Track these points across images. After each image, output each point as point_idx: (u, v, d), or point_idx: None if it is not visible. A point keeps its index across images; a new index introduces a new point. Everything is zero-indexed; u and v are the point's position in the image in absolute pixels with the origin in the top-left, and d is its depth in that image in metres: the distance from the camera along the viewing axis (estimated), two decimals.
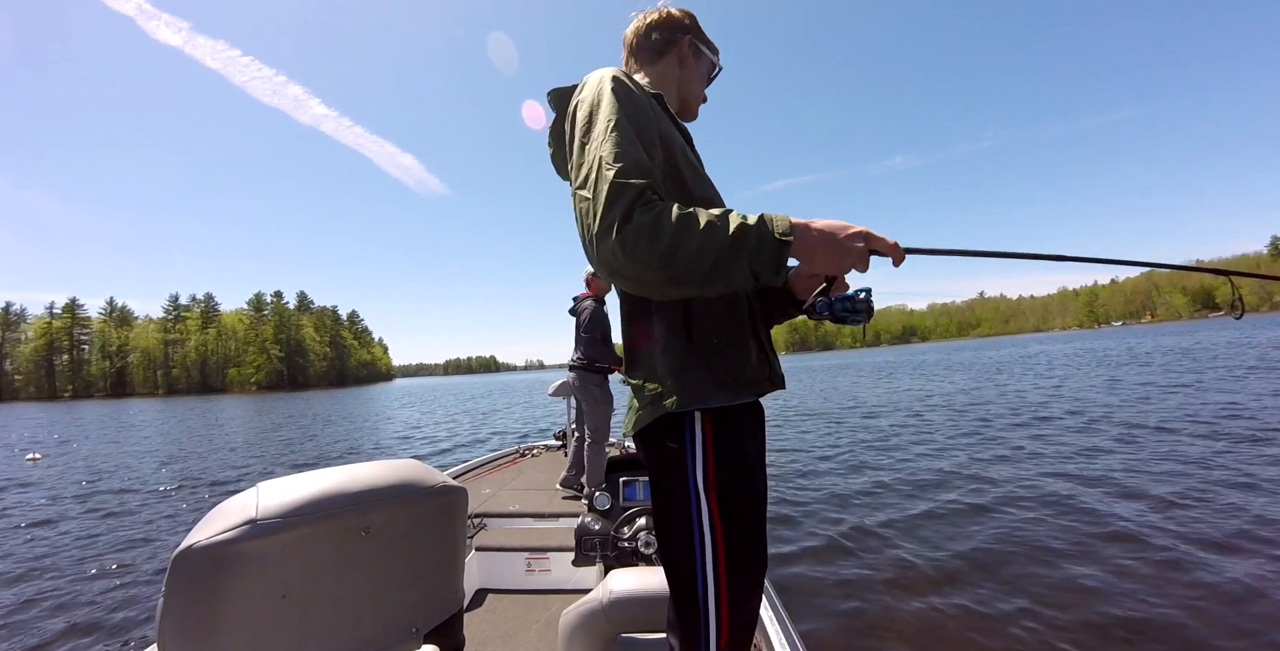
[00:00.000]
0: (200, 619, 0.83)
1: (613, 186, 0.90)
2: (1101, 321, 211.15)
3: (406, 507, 1.01)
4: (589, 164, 0.97)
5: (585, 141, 1.01)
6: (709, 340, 1.07)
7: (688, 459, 1.03)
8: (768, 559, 1.08)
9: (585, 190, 0.95)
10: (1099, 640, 2.92)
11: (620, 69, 1.12)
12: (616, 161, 0.93)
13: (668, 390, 1.05)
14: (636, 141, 0.98)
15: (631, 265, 0.88)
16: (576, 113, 1.08)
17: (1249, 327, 48.74)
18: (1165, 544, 3.97)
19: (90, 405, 63.73)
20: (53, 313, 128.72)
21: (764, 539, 1.07)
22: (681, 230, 0.87)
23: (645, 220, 0.87)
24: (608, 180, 0.91)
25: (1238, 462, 5.92)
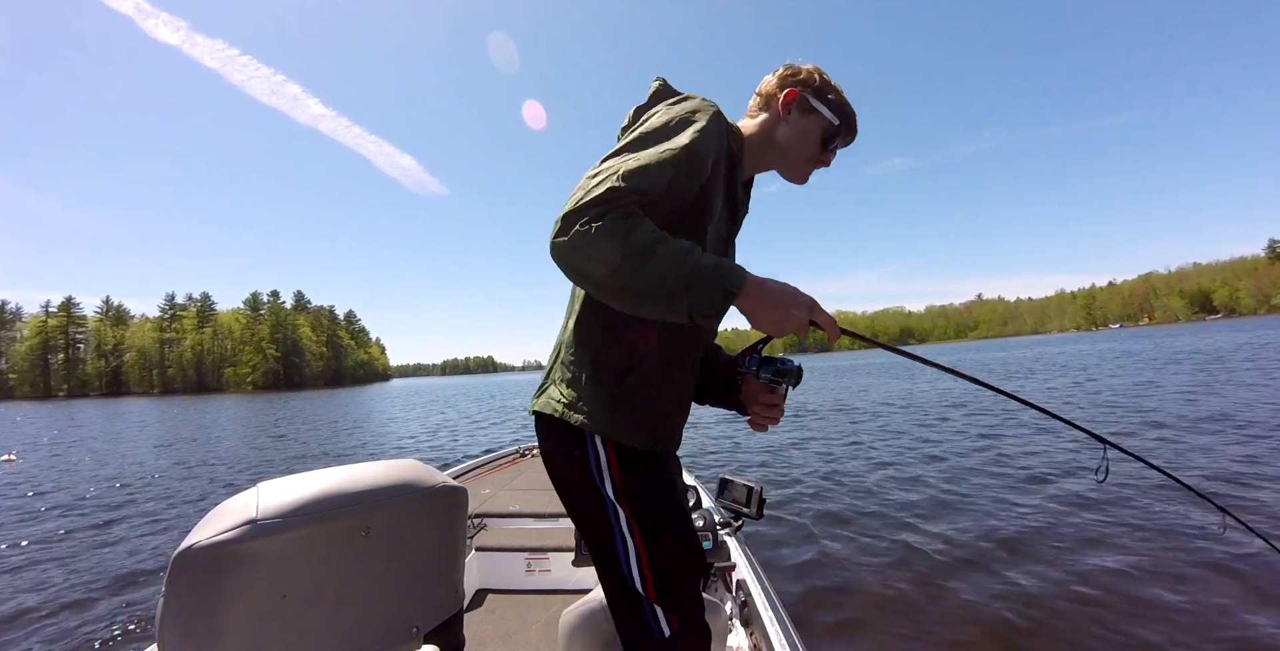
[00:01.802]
0: (200, 619, 0.83)
1: (612, 190, 0.92)
2: (1099, 324, 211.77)
3: (406, 508, 1.01)
4: (614, 162, 0.99)
5: (634, 143, 1.03)
6: (635, 395, 1.09)
7: (594, 474, 1.08)
8: (702, 551, 1.16)
9: (592, 178, 0.96)
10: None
11: (716, 109, 1.12)
12: (634, 178, 0.95)
13: (579, 408, 1.08)
14: (671, 176, 0.99)
15: (583, 258, 0.90)
16: (655, 115, 1.10)
17: (1257, 329, 48.44)
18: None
19: (85, 404, 63.47)
20: (48, 311, 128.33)
21: (691, 534, 1.14)
22: (645, 247, 0.89)
23: (616, 224, 0.89)
24: (610, 184, 0.93)
25: None
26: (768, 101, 1.26)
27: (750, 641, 1.96)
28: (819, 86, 1.24)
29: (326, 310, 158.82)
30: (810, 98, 1.23)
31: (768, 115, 1.26)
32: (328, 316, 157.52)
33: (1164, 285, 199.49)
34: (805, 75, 1.25)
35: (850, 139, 1.30)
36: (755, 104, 1.29)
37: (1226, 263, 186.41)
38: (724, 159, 1.15)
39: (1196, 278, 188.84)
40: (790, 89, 1.23)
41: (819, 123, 1.24)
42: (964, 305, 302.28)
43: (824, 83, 1.25)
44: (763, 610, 1.94)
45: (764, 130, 1.26)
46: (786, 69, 1.26)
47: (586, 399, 1.08)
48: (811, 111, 1.24)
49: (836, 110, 1.25)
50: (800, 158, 1.26)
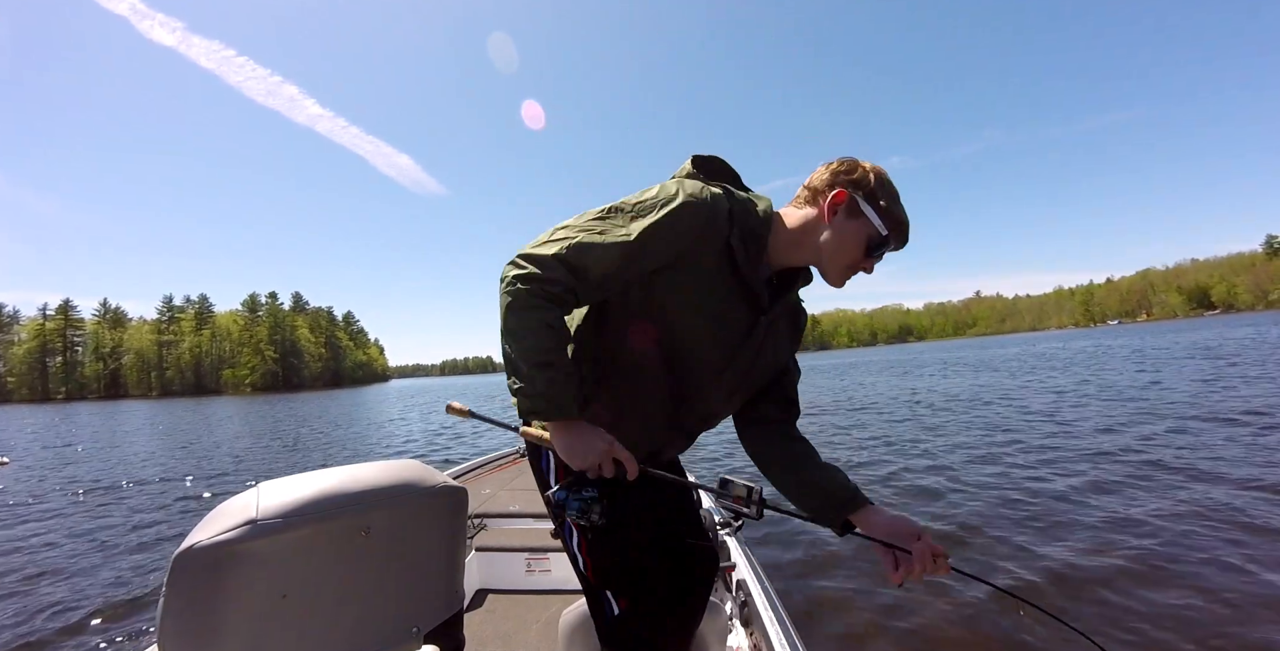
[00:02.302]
0: (201, 619, 0.83)
1: (554, 259, 1.03)
2: (1097, 320, 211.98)
3: (406, 508, 1.01)
4: (577, 226, 1.07)
5: (608, 209, 1.11)
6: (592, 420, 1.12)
7: (547, 476, 1.24)
8: (663, 543, 1.23)
9: (554, 232, 1.08)
10: None
11: (719, 191, 1.15)
12: (584, 252, 1.04)
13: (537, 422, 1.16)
14: (627, 260, 1.07)
15: (501, 304, 1.05)
16: (639, 193, 1.15)
17: (1266, 324, 48.53)
18: None
19: (83, 407, 63.38)
20: (46, 314, 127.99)
21: (642, 528, 1.21)
22: (525, 332, 1.02)
23: (527, 300, 1.02)
24: (554, 251, 1.03)
25: None
26: (815, 196, 1.19)
27: (750, 641, 1.96)
28: (872, 190, 1.16)
29: (325, 311, 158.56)
30: (861, 201, 1.15)
31: (813, 212, 1.19)
32: (326, 317, 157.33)
33: (1162, 281, 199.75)
34: (859, 175, 1.16)
35: (899, 247, 1.22)
36: (803, 195, 1.22)
37: (1224, 259, 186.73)
38: (718, 250, 1.14)
39: (1194, 274, 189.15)
40: (840, 190, 1.15)
41: (865, 229, 1.16)
42: (962, 302, 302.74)
43: (879, 186, 1.16)
44: (763, 610, 1.94)
45: (804, 226, 1.19)
46: (841, 164, 1.18)
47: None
48: (859, 216, 1.16)
49: (887, 218, 1.16)
50: (839, 264, 1.19)
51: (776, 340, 1.31)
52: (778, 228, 1.20)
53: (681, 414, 1.26)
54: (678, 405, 1.24)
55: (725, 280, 1.15)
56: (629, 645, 1.20)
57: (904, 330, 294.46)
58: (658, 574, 1.20)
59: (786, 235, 1.20)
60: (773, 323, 1.26)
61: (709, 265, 1.13)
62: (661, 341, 1.18)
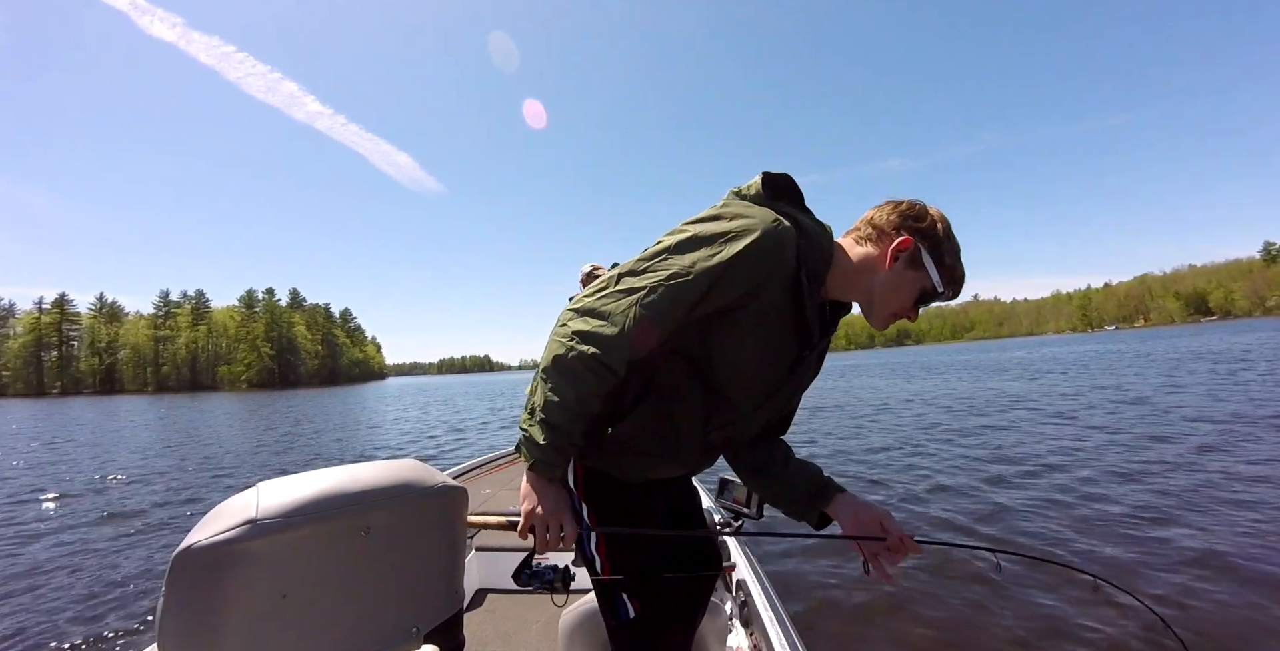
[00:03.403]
0: (200, 619, 0.83)
1: (622, 334, 1.02)
2: (1095, 325, 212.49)
3: (406, 508, 1.01)
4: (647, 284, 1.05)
5: (675, 245, 1.08)
6: (619, 441, 1.13)
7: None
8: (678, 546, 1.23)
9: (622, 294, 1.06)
10: None
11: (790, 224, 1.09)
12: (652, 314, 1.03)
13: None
14: (693, 305, 1.05)
15: (555, 344, 1.07)
16: (706, 215, 1.12)
17: (1268, 330, 48.63)
18: None
19: (78, 402, 63.24)
20: (41, 308, 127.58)
21: (655, 527, 1.23)
22: (556, 392, 1.05)
23: (581, 363, 1.03)
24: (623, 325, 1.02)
25: None
26: (879, 237, 1.15)
27: (750, 641, 1.96)
28: (938, 243, 1.14)
29: (322, 308, 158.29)
30: (925, 253, 1.13)
31: (872, 253, 1.16)
32: (323, 314, 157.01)
33: (1159, 287, 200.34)
34: (927, 226, 1.14)
35: (950, 300, 1.20)
36: (864, 231, 1.18)
37: (1221, 265, 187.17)
38: (780, 286, 1.09)
39: (1192, 279, 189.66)
40: (908, 238, 1.12)
41: (922, 282, 1.14)
42: (960, 306, 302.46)
43: (944, 239, 1.14)
44: (763, 610, 1.94)
45: (863, 266, 1.16)
46: (911, 209, 1.15)
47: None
48: (920, 267, 1.13)
49: (945, 274, 1.14)
50: (888, 310, 1.18)
51: (811, 369, 1.29)
52: (837, 261, 1.17)
53: (712, 438, 1.24)
54: (710, 430, 1.22)
55: (784, 316, 1.12)
56: (641, 647, 1.21)
57: (902, 333, 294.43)
58: (675, 577, 1.20)
59: (844, 271, 1.17)
60: (810, 355, 1.25)
61: (772, 302, 1.10)
62: (706, 373, 1.16)
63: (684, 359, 1.15)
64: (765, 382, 1.19)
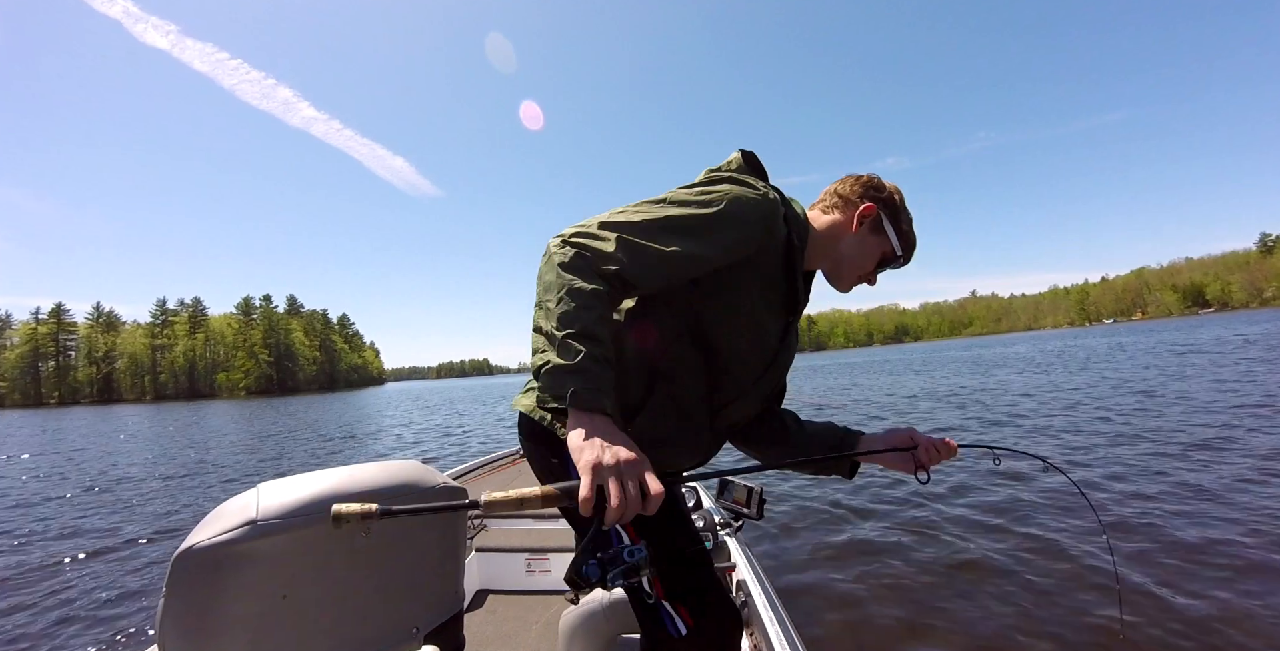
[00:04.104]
0: (201, 619, 0.83)
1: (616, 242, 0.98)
2: (1093, 319, 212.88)
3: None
4: (634, 211, 1.02)
5: (664, 199, 1.06)
6: (635, 439, 0.96)
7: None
8: (700, 542, 1.17)
9: (609, 216, 1.02)
10: None
11: (774, 193, 1.12)
12: (646, 236, 0.98)
13: (562, 416, 1.05)
14: (689, 257, 1.01)
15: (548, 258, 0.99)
16: (703, 178, 1.13)
17: (1266, 321, 48.63)
18: None
19: (76, 411, 62.97)
20: (38, 318, 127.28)
21: (686, 526, 1.18)
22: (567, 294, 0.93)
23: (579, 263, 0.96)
24: (615, 235, 0.98)
25: None
26: (845, 205, 1.23)
27: (750, 641, 1.94)
28: (896, 209, 1.22)
29: (320, 314, 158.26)
30: (885, 219, 1.21)
31: (839, 219, 1.23)
32: (321, 320, 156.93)
33: (1156, 280, 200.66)
34: (886, 195, 1.22)
35: (903, 266, 1.29)
36: (829, 202, 1.25)
37: (1218, 257, 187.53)
38: (774, 251, 1.12)
39: (1189, 272, 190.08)
40: (870, 203, 1.20)
41: (883, 246, 1.22)
42: (958, 302, 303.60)
43: (901, 207, 1.23)
44: (763, 610, 1.93)
45: (830, 233, 1.23)
46: (871, 180, 1.24)
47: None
48: (881, 232, 1.21)
49: (903, 239, 1.23)
50: (853, 273, 1.25)
51: (794, 337, 1.31)
52: (811, 228, 1.23)
53: (717, 421, 1.23)
54: (715, 410, 1.21)
55: (775, 283, 1.15)
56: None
57: (900, 330, 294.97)
58: (716, 586, 1.15)
59: (816, 238, 1.23)
60: (794, 322, 1.28)
61: (766, 267, 1.12)
62: (706, 352, 1.15)
63: (684, 340, 1.13)
64: (762, 352, 1.20)
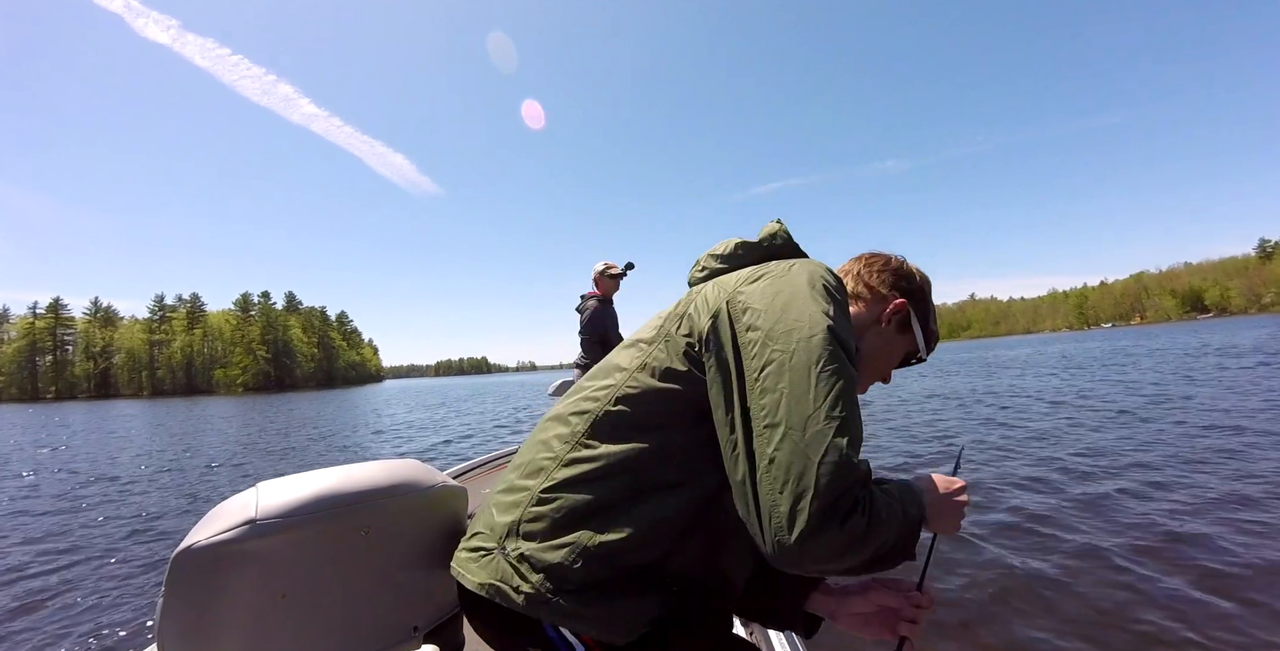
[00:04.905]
0: (200, 619, 0.83)
1: (839, 470, 0.69)
2: (1091, 323, 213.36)
3: (406, 507, 1.00)
4: (800, 417, 0.73)
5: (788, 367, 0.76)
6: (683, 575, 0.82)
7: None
8: None
9: (782, 450, 0.71)
10: None
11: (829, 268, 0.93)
12: (845, 432, 0.72)
13: (553, 603, 0.77)
14: (857, 400, 0.78)
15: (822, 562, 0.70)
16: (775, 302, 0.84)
17: (1270, 326, 48.63)
18: None
19: (73, 407, 62.84)
20: (36, 313, 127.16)
21: None
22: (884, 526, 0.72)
23: (860, 525, 0.69)
24: (833, 464, 0.69)
25: None
26: (872, 295, 1.09)
27: (750, 641, 1.92)
28: (926, 307, 1.12)
29: (318, 311, 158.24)
30: (915, 317, 1.10)
31: (865, 312, 1.09)
32: (319, 317, 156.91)
33: (1155, 285, 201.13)
34: (918, 287, 1.11)
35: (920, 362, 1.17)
36: (853, 286, 1.11)
37: (1217, 262, 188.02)
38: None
39: (1187, 277, 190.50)
40: (903, 299, 1.08)
41: (909, 345, 1.11)
42: (957, 305, 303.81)
43: (930, 302, 1.13)
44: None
45: (859, 324, 1.08)
46: (901, 268, 1.11)
47: (570, 591, 0.77)
48: (908, 331, 1.10)
49: (929, 339, 1.13)
50: (873, 374, 1.12)
51: None
52: None
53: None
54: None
55: None
56: None
57: None
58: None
59: None
60: None
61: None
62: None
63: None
64: None
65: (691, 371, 0.84)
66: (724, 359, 0.81)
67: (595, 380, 0.93)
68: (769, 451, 0.72)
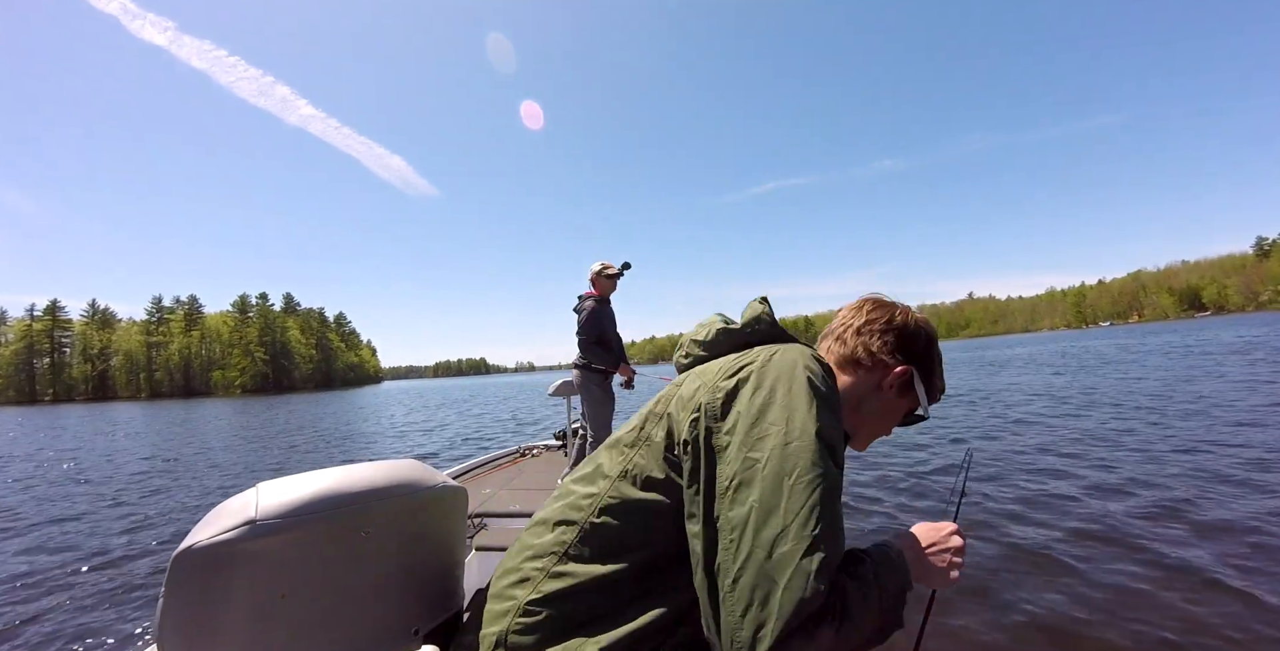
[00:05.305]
0: (200, 619, 0.83)
1: (806, 597, 0.65)
2: (1089, 321, 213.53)
3: (406, 508, 1.00)
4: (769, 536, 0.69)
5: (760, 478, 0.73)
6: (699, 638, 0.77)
7: None
8: None
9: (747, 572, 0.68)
10: None
11: (819, 358, 0.89)
12: (816, 550, 0.67)
13: None
14: (839, 506, 0.74)
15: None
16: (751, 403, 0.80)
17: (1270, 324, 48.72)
18: None
19: (71, 409, 62.67)
20: (33, 315, 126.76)
21: None
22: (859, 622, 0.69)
23: (828, 633, 0.66)
24: (799, 589, 0.65)
25: None
26: (872, 361, 1.03)
27: None
28: (931, 367, 1.06)
29: (316, 312, 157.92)
30: (919, 379, 1.03)
31: (865, 379, 1.04)
32: (317, 318, 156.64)
33: (1153, 283, 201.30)
34: (923, 348, 1.05)
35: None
36: (853, 350, 1.05)
37: (1215, 260, 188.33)
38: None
39: (1185, 275, 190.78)
40: (905, 367, 1.02)
41: (910, 405, 1.06)
42: (955, 304, 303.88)
43: (936, 360, 1.07)
44: None
45: (854, 393, 1.04)
46: (904, 328, 1.04)
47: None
48: (910, 393, 1.04)
49: (934, 397, 1.07)
50: (873, 434, 1.08)
51: None
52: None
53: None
54: None
55: None
56: None
57: None
58: None
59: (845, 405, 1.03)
60: None
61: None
62: None
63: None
64: None
65: (670, 478, 0.82)
66: (696, 466, 0.78)
67: (581, 485, 0.91)
68: (733, 570, 0.69)
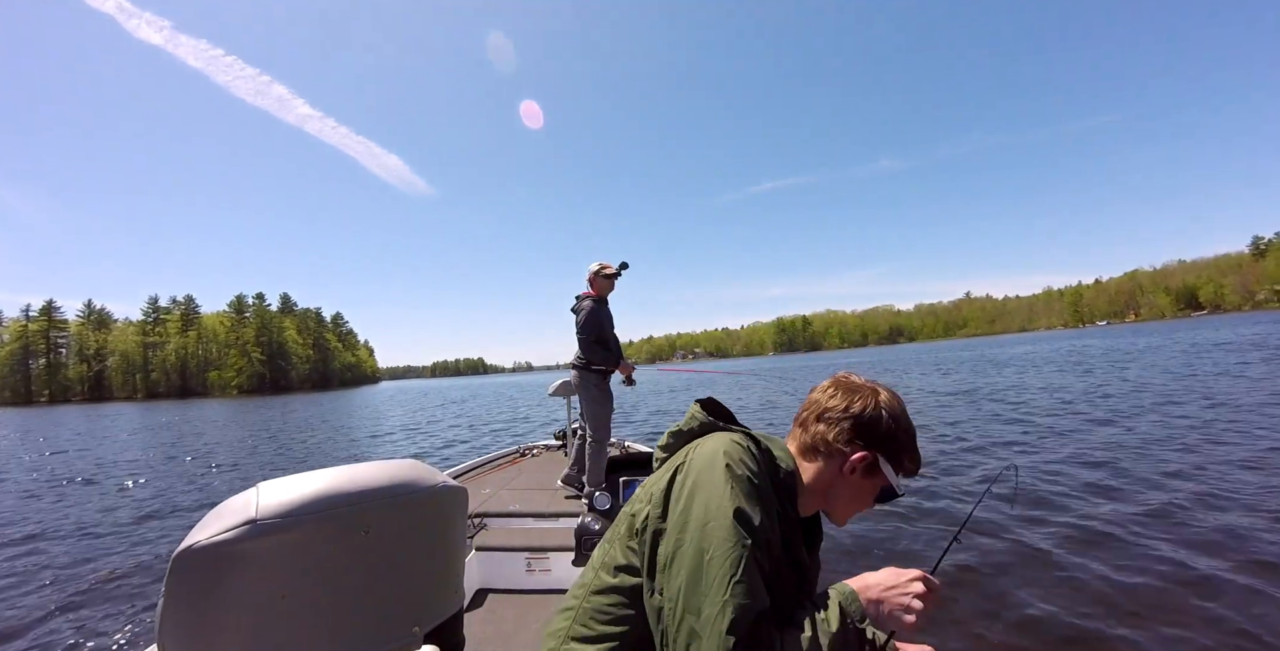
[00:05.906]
0: (200, 619, 0.83)
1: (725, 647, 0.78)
2: (1086, 321, 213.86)
3: (406, 507, 1.01)
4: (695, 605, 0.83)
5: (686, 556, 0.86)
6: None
7: None
8: None
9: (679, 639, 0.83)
10: None
11: (742, 441, 1.00)
12: (731, 610, 0.80)
13: None
14: (756, 570, 0.85)
15: None
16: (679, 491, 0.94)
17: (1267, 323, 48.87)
18: None
19: (67, 410, 62.59)
20: (29, 315, 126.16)
21: None
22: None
23: None
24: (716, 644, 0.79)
25: None
26: (830, 451, 1.05)
27: None
28: (895, 449, 1.05)
29: (313, 312, 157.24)
30: (884, 461, 1.04)
31: (824, 467, 1.06)
32: (314, 318, 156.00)
33: (1150, 282, 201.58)
34: (884, 432, 1.04)
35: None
36: (811, 443, 1.08)
37: (1211, 259, 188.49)
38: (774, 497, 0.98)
39: (1182, 274, 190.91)
40: (863, 453, 1.03)
41: (882, 483, 1.07)
42: (952, 303, 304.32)
43: (901, 439, 1.05)
44: None
45: (820, 483, 1.07)
46: (862, 413, 1.04)
47: None
48: (878, 474, 1.05)
49: (905, 474, 1.08)
50: (848, 514, 1.11)
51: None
52: (798, 484, 1.08)
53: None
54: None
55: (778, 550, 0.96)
56: None
57: (895, 331, 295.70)
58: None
59: (805, 491, 1.08)
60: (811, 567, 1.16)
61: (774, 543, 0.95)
62: None
63: None
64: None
65: (631, 563, 0.95)
66: (642, 550, 0.93)
67: (580, 575, 1.02)
68: (673, 634, 0.83)
